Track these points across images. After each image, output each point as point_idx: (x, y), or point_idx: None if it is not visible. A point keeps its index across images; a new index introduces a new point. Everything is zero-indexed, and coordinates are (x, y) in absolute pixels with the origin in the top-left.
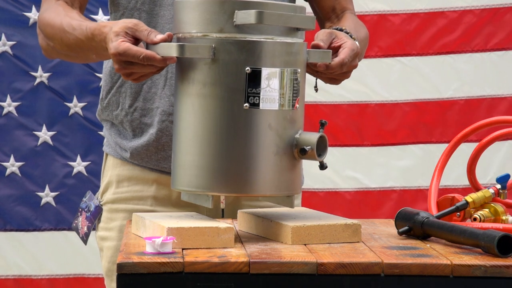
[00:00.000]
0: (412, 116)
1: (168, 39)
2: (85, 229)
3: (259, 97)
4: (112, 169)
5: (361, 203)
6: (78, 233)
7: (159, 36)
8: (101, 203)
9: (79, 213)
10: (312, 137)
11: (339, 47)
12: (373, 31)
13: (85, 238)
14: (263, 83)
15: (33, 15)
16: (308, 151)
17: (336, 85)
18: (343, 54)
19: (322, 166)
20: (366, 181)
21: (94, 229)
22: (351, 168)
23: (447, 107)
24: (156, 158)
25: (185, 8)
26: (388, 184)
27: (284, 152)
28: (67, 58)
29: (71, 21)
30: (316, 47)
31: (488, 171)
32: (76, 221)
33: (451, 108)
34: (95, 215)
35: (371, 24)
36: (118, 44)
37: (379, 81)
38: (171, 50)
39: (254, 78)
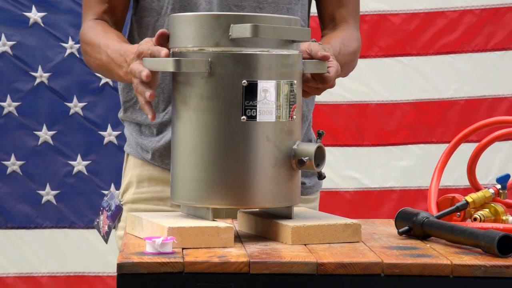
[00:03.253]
0: (412, 116)
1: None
2: (106, 228)
3: (256, 109)
4: (132, 169)
5: (361, 203)
6: (99, 231)
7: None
8: (121, 202)
9: (100, 212)
10: (309, 147)
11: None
12: (373, 31)
13: (106, 237)
14: (260, 95)
15: (33, 15)
16: (306, 162)
17: (335, 86)
18: (332, 72)
19: (321, 176)
20: (366, 181)
21: (114, 228)
22: (351, 168)
23: (447, 107)
24: None
25: (181, 23)
26: (388, 184)
27: (282, 163)
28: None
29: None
30: (323, 58)
31: (489, 172)
32: (97, 220)
33: (451, 108)
34: (115, 215)
35: (371, 24)
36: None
37: (379, 81)
38: (167, 65)
39: (251, 91)
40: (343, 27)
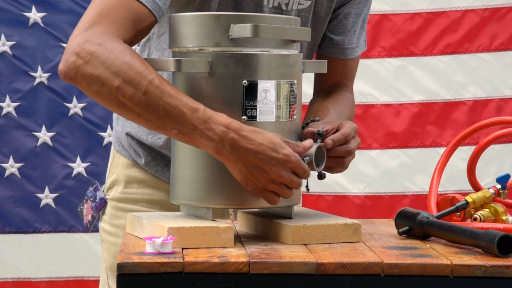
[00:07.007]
0: (419, 117)
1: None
2: (89, 217)
3: (256, 109)
4: (121, 169)
5: (372, 208)
6: (83, 219)
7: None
8: (106, 197)
9: (85, 200)
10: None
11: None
12: (375, 31)
13: (88, 226)
14: (260, 95)
15: (32, 15)
16: (306, 162)
17: None
18: (344, 129)
19: (321, 176)
20: (376, 185)
21: (98, 219)
22: (359, 172)
23: (454, 108)
24: (168, 172)
25: (181, 23)
26: (399, 189)
27: None
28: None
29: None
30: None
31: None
32: (81, 207)
33: (458, 109)
34: (99, 207)
35: (373, 24)
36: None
37: (383, 82)
38: (168, 65)
39: (251, 91)
40: (340, 91)
